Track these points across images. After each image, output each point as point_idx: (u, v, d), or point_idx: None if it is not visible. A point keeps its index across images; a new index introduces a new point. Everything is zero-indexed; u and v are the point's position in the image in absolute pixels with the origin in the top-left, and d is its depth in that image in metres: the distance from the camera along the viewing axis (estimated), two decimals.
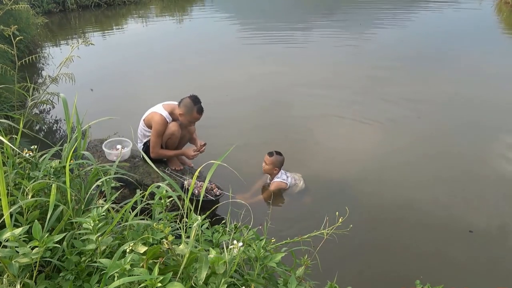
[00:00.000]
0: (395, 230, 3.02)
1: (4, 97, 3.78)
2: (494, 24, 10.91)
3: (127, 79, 6.28)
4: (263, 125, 4.64)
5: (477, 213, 3.19)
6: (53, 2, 11.64)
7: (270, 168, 3.31)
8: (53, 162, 1.65)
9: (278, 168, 3.31)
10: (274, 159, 3.28)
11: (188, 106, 3.01)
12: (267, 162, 3.30)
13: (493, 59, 7.20)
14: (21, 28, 5.98)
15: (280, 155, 3.31)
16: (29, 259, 1.15)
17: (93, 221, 1.26)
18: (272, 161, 3.28)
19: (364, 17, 11.56)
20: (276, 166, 3.30)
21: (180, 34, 10.16)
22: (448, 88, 5.73)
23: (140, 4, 13.99)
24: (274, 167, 3.30)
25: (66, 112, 1.83)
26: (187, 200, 1.40)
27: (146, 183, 3.04)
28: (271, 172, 3.34)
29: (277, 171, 3.32)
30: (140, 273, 1.09)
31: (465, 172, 3.75)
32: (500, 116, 4.86)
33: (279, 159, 3.29)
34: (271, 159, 3.28)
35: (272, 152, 3.30)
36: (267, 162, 3.30)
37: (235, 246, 1.20)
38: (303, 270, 1.47)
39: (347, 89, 5.70)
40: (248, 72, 6.61)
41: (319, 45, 8.52)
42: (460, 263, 2.70)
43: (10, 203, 1.38)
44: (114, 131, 3.85)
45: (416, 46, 8.20)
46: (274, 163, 3.28)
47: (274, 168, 3.30)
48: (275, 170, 3.32)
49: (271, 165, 3.29)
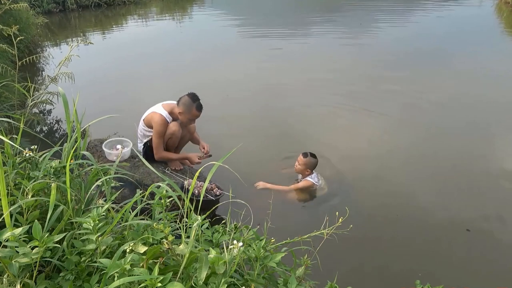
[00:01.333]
0: (395, 230, 3.02)
1: (4, 96, 3.78)
2: (494, 24, 10.92)
3: (127, 79, 6.28)
4: (263, 124, 4.64)
5: (477, 212, 3.19)
6: (53, 2, 11.65)
7: (303, 169, 3.32)
8: (53, 162, 1.65)
9: (310, 170, 3.33)
10: (307, 161, 3.29)
11: (187, 104, 3.01)
12: (300, 162, 3.31)
13: (493, 59, 7.20)
14: (21, 28, 5.98)
15: (315, 157, 3.32)
16: (29, 259, 1.15)
17: (93, 221, 1.26)
18: (305, 162, 3.29)
19: (364, 16, 11.56)
20: (308, 167, 3.31)
21: (180, 33, 10.16)
22: (448, 87, 5.73)
23: (140, 4, 14.00)
24: (306, 168, 3.31)
25: (66, 109, 1.81)
26: (187, 200, 1.40)
27: (146, 183, 3.04)
28: (303, 173, 3.35)
29: (309, 172, 3.33)
30: (140, 273, 1.09)
31: (465, 172, 3.74)
32: (499, 115, 4.86)
33: (312, 161, 3.30)
34: (305, 160, 3.29)
35: (307, 153, 3.31)
36: (300, 163, 3.31)
37: (235, 246, 1.20)
38: (303, 270, 1.47)
39: (347, 88, 5.70)
40: (248, 71, 6.61)
41: (319, 44, 8.53)
42: (460, 263, 2.70)
43: (10, 203, 1.38)
44: (114, 131, 3.85)
45: (416, 45, 8.20)
46: (306, 164, 3.29)
47: (306, 169, 3.32)
48: (307, 172, 3.33)
49: (303, 165, 3.30)
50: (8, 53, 4.34)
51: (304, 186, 3.32)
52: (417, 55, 7.51)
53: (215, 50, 8.02)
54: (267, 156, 3.93)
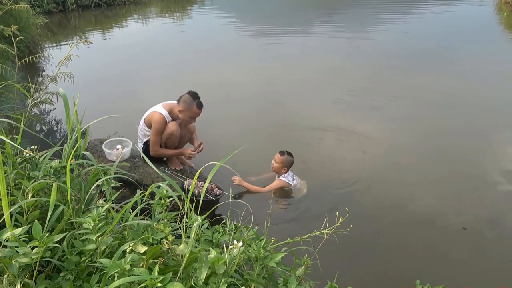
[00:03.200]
0: (395, 230, 3.02)
1: (4, 96, 3.78)
2: (494, 24, 10.92)
3: (127, 79, 6.27)
4: (263, 124, 4.64)
5: (477, 212, 3.19)
6: (53, 2, 11.64)
7: (279, 167, 3.33)
8: (53, 162, 1.65)
9: (286, 168, 3.33)
10: (284, 159, 3.29)
11: (188, 102, 3.01)
12: (277, 160, 3.31)
13: (493, 58, 7.20)
14: (21, 28, 5.98)
15: (291, 156, 3.32)
16: (29, 259, 1.15)
17: (93, 221, 1.26)
18: (282, 160, 3.29)
19: (365, 16, 11.56)
20: (285, 165, 3.31)
21: (180, 33, 10.16)
22: (448, 87, 5.73)
23: (140, 4, 13.99)
24: (283, 167, 3.32)
25: (66, 109, 1.81)
26: (187, 200, 1.40)
27: (146, 183, 3.04)
28: (279, 171, 3.35)
29: (285, 170, 3.34)
30: (140, 273, 1.09)
31: (465, 172, 3.74)
32: (499, 114, 4.86)
33: (289, 159, 3.31)
34: (282, 158, 3.29)
35: (284, 152, 3.31)
36: (277, 161, 3.32)
37: (235, 246, 1.20)
38: (303, 270, 1.47)
39: (348, 88, 5.71)
40: (249, 71, 6.62)
41: (320, 44, 8.53)
42: (460, 263, 2.70)
43: (10, 203, 1.38)
44: (114, 131, 3.85)
45: (416, 45, 8.20)
46: (283, 162, 3.30)
47: (283, 168, 3.32)
48: (283, 170, 3.33)
49: (280, 164, 3.30)
50: (8, 53, 4.34)
51: (278, 186, 3.32)
52: (418, 54, 7.51)
53: (215, 49, 8.01)
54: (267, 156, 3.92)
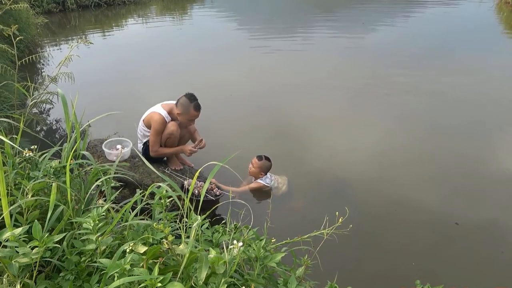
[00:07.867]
0: (395, 230, 3.01)
1: (4, 96, 3.78)
2: (494, 24, 10.92)
3: (127, 79, 6.27)
4: (264, 124, 4.64)
5: (478, 212, 3.19)
6: (53, 2, 11.63)
7: (257, 172, 3.32)
8: (53, 162, 1.65)
9: (264, 173, 3.33)
10: (262, 164, 3.29)
11: (185, 105, 3.01)
12: (255, 165, 3.31)
13: (492, 58, 7.20)
14: (21, 28, 5.98)
15: (269, 160, 3.32)
16: (29, 259, 1.15)
17: (93, 221, 1.26)
18: (260, 165, 3.29)
19: (366, 16, 11.57)
20: (262, 170, 3.31)
21: (180, 33, 10.15)
22: (449, 87, 5.73)
23: (140, 4, 13.98)
24: (260, 171, 3.31)
25: (65, 109, 1.81)
26: (187, 200, 1.40)
27: (146, 183, 3.04)
28: (256, 175, 3.35)
29: (263, 175, 3.34)
30: (140, 273, 1.09)
31: (465, 171, 3.74)
32: (499, 114, 4.86)
33: (266, 164, 3.31)
34: (259, 163, 3.29)
35: (262, 156, 3.31)
36: (254, 165, 3.31)
37: (235, 246, 1.20)
38: (303, 270, 1.47)
39: (348, 88, 5.70)
40: (249, 71, 6.61)
41: (320, 44, 8.52)
42: (460, 263, 2.70)
43: (10, 203, 1.38)
44: (114, 131, 3.84)
45: (417, 45, 8.20)
46: (261, 167, 3.30)
47: (260, 172, 3.32)
48: (261, 175, 3.33)
49: (258, 168, 3.30)
50: (8, 53, 4.34)
51: (255, 187, 3.31)
52: (418, 54, 7.51)
53: (216, 49, 8.01)
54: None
